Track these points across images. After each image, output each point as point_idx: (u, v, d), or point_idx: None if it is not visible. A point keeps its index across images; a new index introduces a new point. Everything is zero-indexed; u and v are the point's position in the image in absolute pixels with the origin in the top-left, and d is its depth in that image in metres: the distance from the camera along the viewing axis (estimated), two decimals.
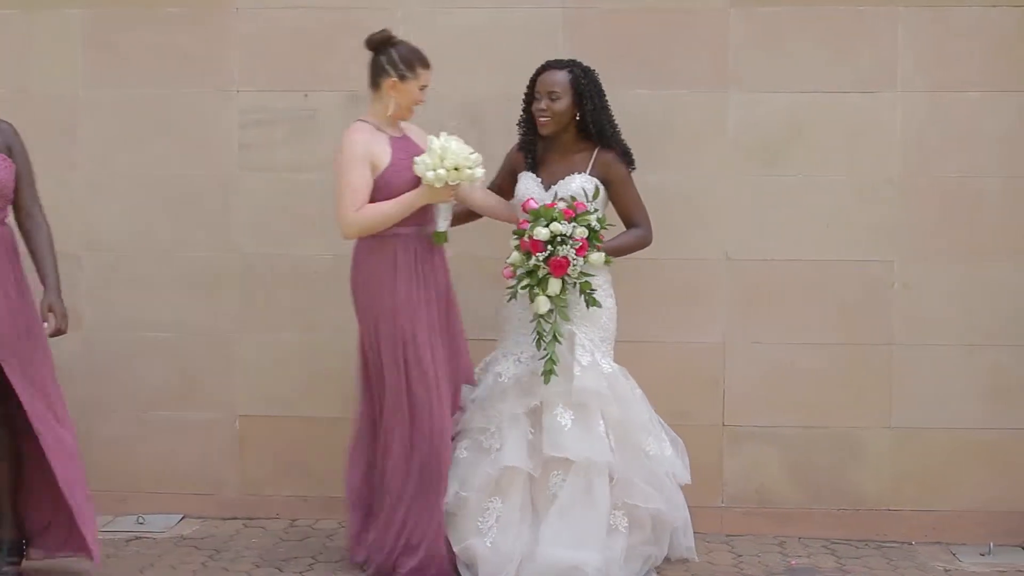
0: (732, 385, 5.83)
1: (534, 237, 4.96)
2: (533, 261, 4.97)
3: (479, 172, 4.99)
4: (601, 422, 5.10)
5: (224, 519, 5.95)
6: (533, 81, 5.27)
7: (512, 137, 5.45)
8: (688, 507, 5.36)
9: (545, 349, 5.00)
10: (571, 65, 5.25)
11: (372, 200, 5.03)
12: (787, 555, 5.58)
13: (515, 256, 5.04)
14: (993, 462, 5.77)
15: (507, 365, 5.21)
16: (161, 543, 5.65)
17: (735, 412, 5.83)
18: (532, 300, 5.01)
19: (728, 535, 5.80)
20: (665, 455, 5.24)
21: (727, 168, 5.80)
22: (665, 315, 5.81)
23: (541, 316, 5.00)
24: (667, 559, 5.29)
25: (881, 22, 5.73)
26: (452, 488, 5.11)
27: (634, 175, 5.46)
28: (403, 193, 5.02)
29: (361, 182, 4.99)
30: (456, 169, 4.91)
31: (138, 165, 5.96)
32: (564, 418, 5.06)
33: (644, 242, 5.32)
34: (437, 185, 4.93)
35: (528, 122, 5.32)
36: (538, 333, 5.02)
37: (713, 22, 5.78)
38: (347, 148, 5.03)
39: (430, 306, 5.12)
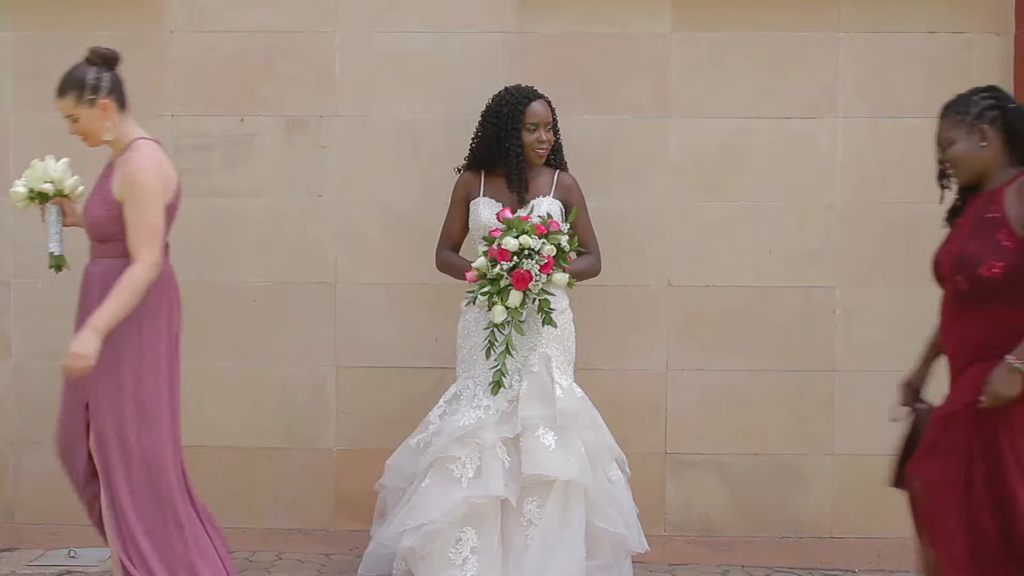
0: (674, 412, 5.79)
1: (502, 246, 4.90)
2: (497, 269, 4.92)
3: (19, 190, 4.74)
4: (580, 444, 5.05)
5: None
6: (519, 111, 5.14)
7: (452, 162, 5.39)
8: None
9: (495, 360, 4.95)
10: (543, 95, 5.22)
11: None
12: None
13: (481, 261, 4.96)
14: None
15: (492, 399, 5.00)
16: None
17: (677, 439, 5.79)
18: (490, 308, 4.95)
19: (671, 564, 5.73)
20: (622, 481, 5.19)
21: (669, 193, 5.77)
22: (606, 341, 5.77)
23: (496, 326, 4.94)
24: None
25: (822, 48, 5.74)
26: (416, 521, 4.95)
27: None
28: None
29: None
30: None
31: None
32: (547, 439, 4.99)
33: (596, 270, 5.28)
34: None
35: (511, 151, 5.14)
36: (490, 342, 4.96)
37: (655, 47, 5.76)
38: None
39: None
